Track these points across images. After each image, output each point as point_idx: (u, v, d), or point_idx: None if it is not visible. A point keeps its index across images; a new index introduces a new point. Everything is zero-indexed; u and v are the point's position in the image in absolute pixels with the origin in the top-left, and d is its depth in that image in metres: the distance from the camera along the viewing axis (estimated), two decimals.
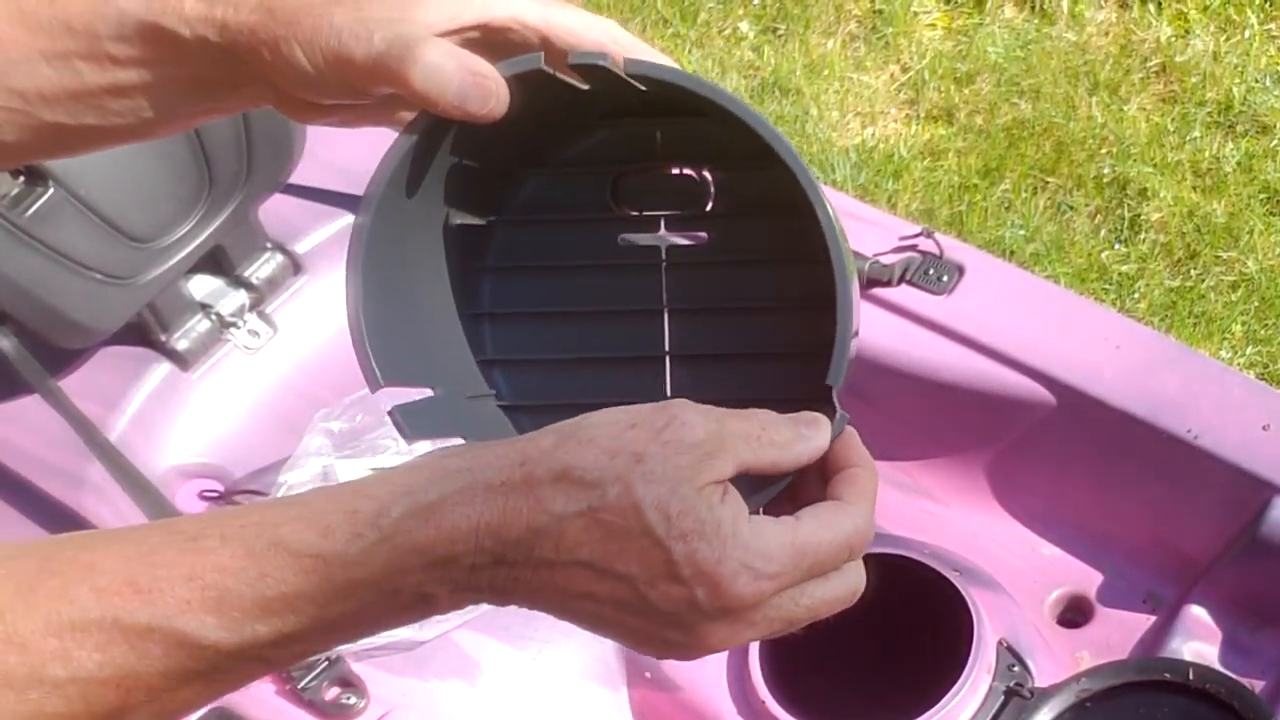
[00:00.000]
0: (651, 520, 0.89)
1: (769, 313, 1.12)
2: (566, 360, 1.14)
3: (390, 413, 1.02)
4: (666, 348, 1.12)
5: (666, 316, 1.12)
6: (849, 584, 0.98)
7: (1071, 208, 3.71)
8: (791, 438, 0.96)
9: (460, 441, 1.02)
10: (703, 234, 1.12)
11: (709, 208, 1.12)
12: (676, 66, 1.01)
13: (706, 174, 1.11)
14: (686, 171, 1.11)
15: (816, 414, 0.98)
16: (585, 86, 1.02)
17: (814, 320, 1.05)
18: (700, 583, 0.90)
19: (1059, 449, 2.30)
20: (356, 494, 0.92)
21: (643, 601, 0.91)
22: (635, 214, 1.12)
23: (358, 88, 1.01)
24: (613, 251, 1.12)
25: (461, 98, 0.98)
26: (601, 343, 1.13)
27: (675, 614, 0.91)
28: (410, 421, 1.03)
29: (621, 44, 1.04)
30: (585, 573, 0.91)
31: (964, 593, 2.17)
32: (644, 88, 1.01)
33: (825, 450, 0.98)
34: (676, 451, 0.90)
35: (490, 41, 1.03)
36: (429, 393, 1.05)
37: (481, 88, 0.99)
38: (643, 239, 1.13)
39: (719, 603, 0.90)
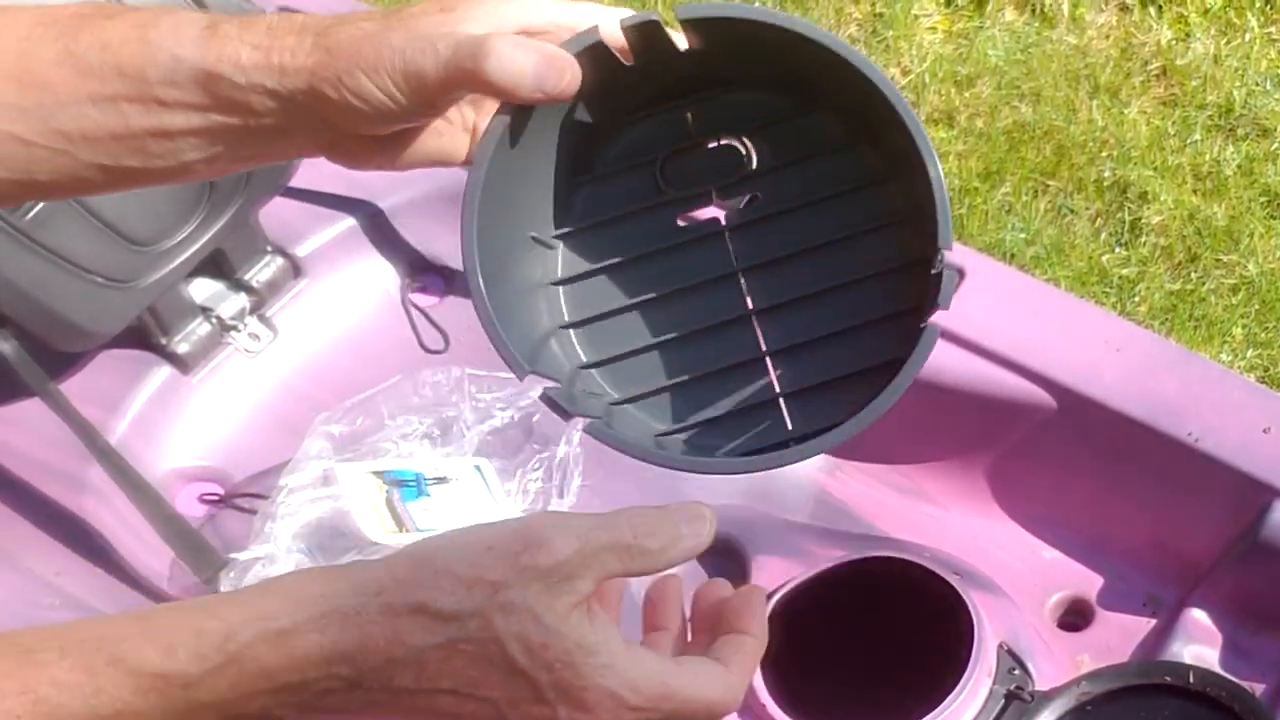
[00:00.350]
0: (514, 653, 0.89)
1: (837, 244, 1.15)
2: (659, 344, 1.16)
3: (543, 397, 1.05)
4: (750, 306, 1.14)
5: (742, 278, 1.15)
6: (730, 694, 0.97)
7: (1072, 211, 3.71)
8: (667, 543, 0.96)
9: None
10: (756, 194, 1.15)
11: (754, 168, 1.15)
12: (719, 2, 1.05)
13: (745, 140, 1.15)
14: (725, 142, 1.15)
15: (700, 507, 0.98)
16: (632, 63, 1.07)
17: (882, 238, 1.12)
18: (566, 703, 0.90)
19: (1059, 452, 2.30)
20: (205, 614, 0.91)
21: (504, 718, 0.91)
22: (686, 193, 1.15)
23: (432, 101, 1.02)
24: (674, 233, 1.16)
25: (539, 80, 1.00)
26: (688, 318, 1.16)
27: None
28: (566, 402, 1.05)
29: None
30: (448, 698, 0.91)
31: (964, 596, 2.16)
32: (696, 35, 1.06)
33: (705, 546, 0.98)
34: (535, 577, 0.90)
35: None
36: (557, 384, 1.07)
37: (556, 66, 1.01)
38: (700, 214, 1.16)
39: (581, 718, 0.91)
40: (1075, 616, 2.30)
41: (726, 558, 2.39)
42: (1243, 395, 2.19)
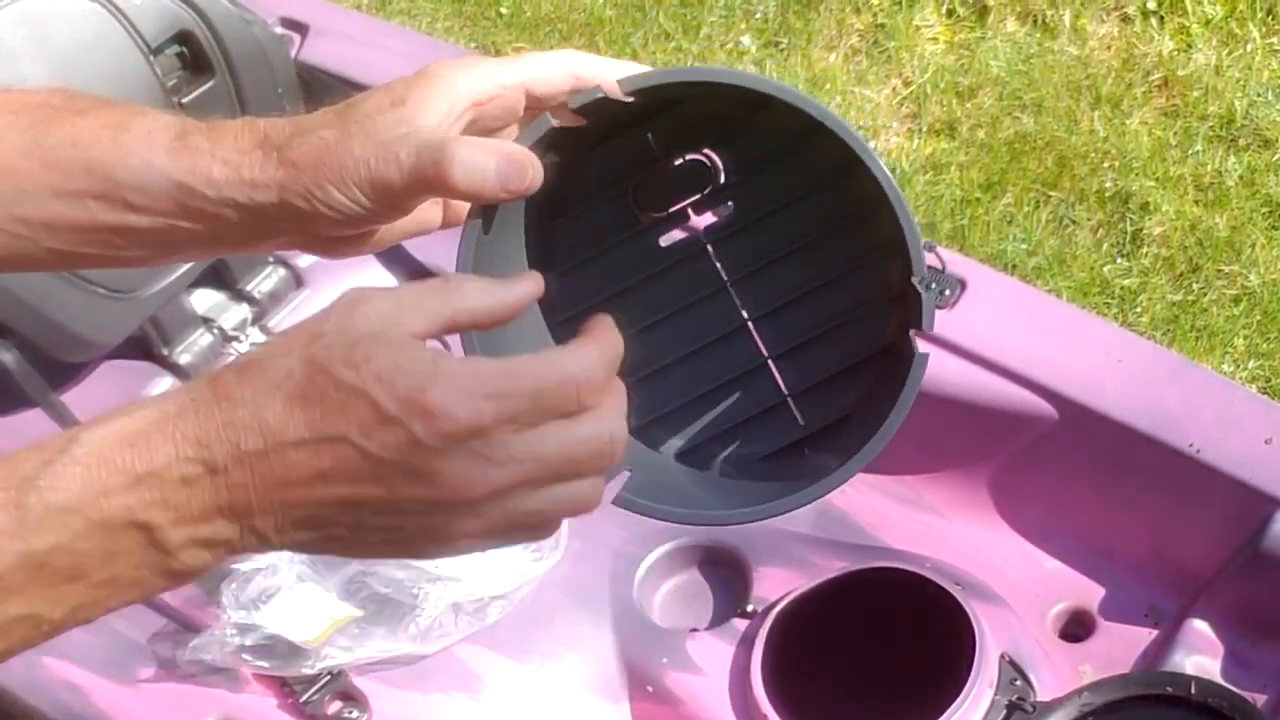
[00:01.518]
0: (341, 375, 0.88)
1: (819, 242, 1.16)
2: (663, 367, 1.17)
3: None
4: (745, 316, 1.16)
5: (732, 290, 1.16)
6: (604, 425, 0.93)
7: (1074, 221, 3.71)
8: (484, 285, 0.96)
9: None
10: (729, 204, 1.17)
11: (724, 180, 1.16)
12: (658, 69, 1.07)
13: (708, 153, 1.16)
14: (691, 158, 1.16)
15: (522, 277, 0.98)
16: (584, 122, 1.08)
17: (862, 228, 1.14)
18: (413, 415, 0.87)
19: (1061, 463, 2.30)
20: (38, 443, 0.92)
21: (367, 459, 0.88)
22: (662, 215, 1.16)
23: (399, 205, 1.05)
24: (659, 257, 1.17)
25: (503, 180, 1.02)
26: (688, 336, 1.17)
27: (404, 462, 0.88)
28: None
29: (587, 69, 1.08)
30: (301, 451, 0.89)
31: (966, 606, 2.17)
32: (642, 99, 1.07)
33: (536, 293, 0.98)
34: (350, 318, 0.90)
35: (484, 116, 1.08)
36: None
37: (518, 166, 1.03)
38: (679, 235, 1.17)
39: (438, 429, 0.87)
40: (1077, 627, 2.31)
41: (728, 568, 2.40)
42: (1244, 406, 2.19)
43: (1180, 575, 2.25)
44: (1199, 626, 2.19)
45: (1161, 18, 4.12)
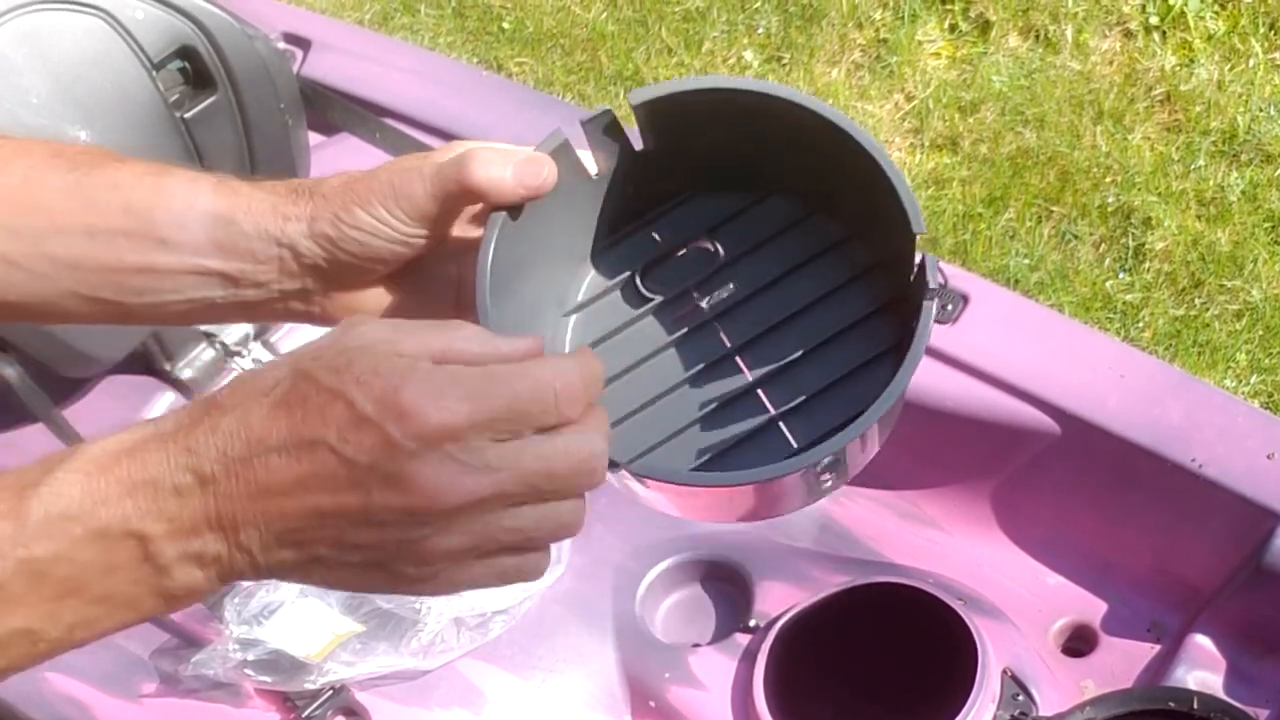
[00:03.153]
0: (323, 379, 0.89)
1: (820, 302, 1.19)
2: (677, 432, 1.18)
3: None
4: (750, 379, 1.18)
5: (739, 357, 1.19)
6: (584, 440, 0.94)
7: (1076, 236, 3.71)
8: (478, 330, 0.95)
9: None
10: (732, 283, 1.21)
11: (724, 259, 1.21)
12: (661, 83, 1.13)
13: (711, 240, 1.22)
14: (694, 246, 1.22)
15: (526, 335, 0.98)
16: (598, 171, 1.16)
17: (862, 287, 1.18)
18: (387, 415, 0.88)
19: (1063, 478, 2.30)
20: (42, 460, 0.94)
21: (344, 463, 0.89)
22: (668, 295, 1.21)
23: (426, 217, 1.09)
24: (664, 332, 1.20)
25: (520, 176, 1.08)
26: (696, 403, 1.18)
27: (379, 466, 0.88)
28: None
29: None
30: (282, 457, 0.89)
31: (968, 622, 2.17)
32: (651, 126, 1.15)
33: (531, 355, 0.96)
34: (348, 339, 0.91)
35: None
36: None
37: (533, 163, 1.09)
38: (684, 311, 1.21)
39: (412, 429, 0.88)
40: (1079, 642, 2.31)
41: (730, 583, 2.40)
42: (1247, 421, 2.19)
43: (1183, 590, 2.25)
44: (1201, 642, 2.19)
45: (1164, 33, 4.12)
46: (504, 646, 2.35)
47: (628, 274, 1.21)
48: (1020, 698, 2.13)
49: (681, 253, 1.22)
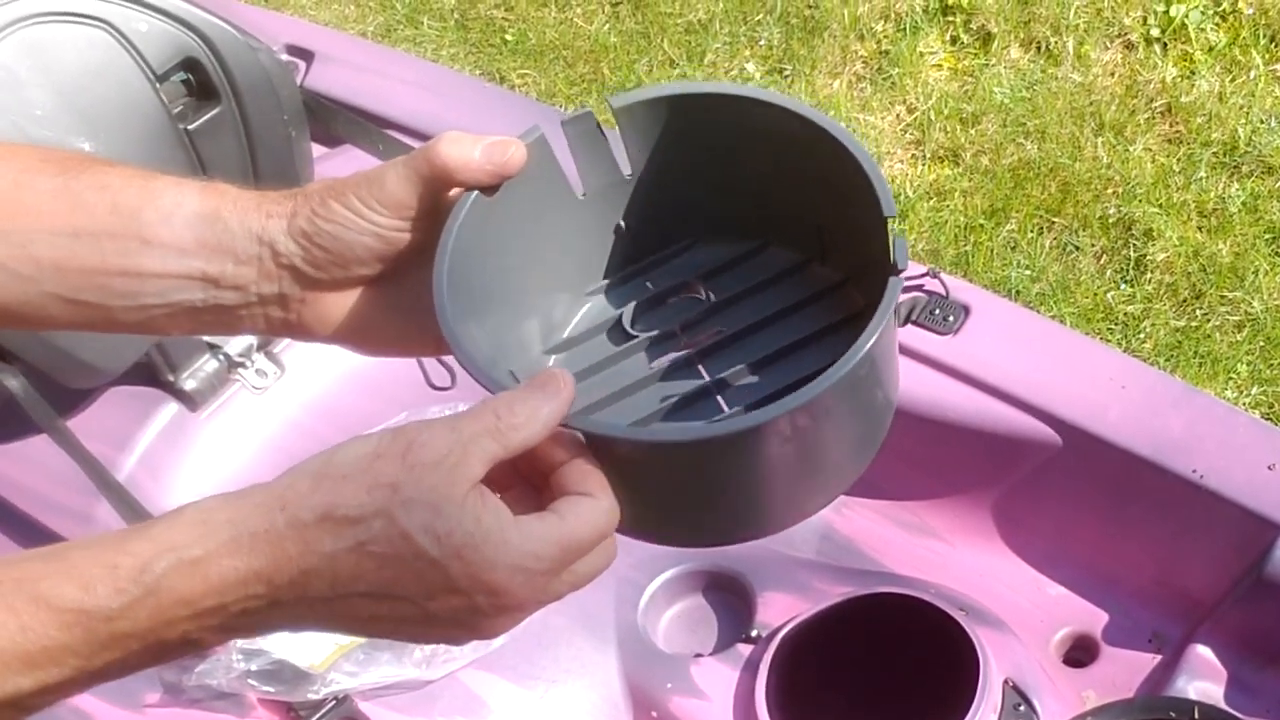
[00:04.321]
0: (423, 544, 0.92)
1: (806, 341, 1.19)
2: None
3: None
4: (725, 409, 1.16)
5: (718, 395, 1.17)
6: (607, 557, 1.02)
7: (1077, 248, 3.71)
8: (531, 411, 0.98)
9: None
10: (720, 329, 1.20)
11: (712, 301, 1.22)
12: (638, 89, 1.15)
13: (702, 287, 1.23)
14: (685, 295, 1.23)
15: (551, 373, 1.00)
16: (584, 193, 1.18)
17: (852, 329, 1.15)
18: (479, 590, 0.94)
19: (1065, 489, 2.30)
20: (118, 549, 0.94)
21: (425, 614, 0.95)
22: (654, 334, 1.21)
23: (400, 204, 1.09)
24: (646, 367, 1.20)
25: (487, 154, 1.08)
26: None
27: (457, 619, 0.95)
28: None
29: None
30: (364, 601, 0.94)
31: (970, 632, 2.17)
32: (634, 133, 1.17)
33: (571, 397, 1.00)
34: (426, 472, 0.93)
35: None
36: None
37: (500, 143, 1.09)
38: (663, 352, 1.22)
39: (499, 603, 0.95)
40: (1080, 652, 2.31)
41: (733, 593, 2.40)
42: (1248, 432, 2.19)
43: (1184, 601, 2.26)
44: (1202, 652, 2.19)
45: (1165, 45, 4.12)
46: (507, 656, 2.35)
47: (617, 314, 1.22)
48: (1022, 708, 2.13)
49: (672, 299, 1.23)
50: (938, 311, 2.34)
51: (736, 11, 4.43)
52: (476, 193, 1.09)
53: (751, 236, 1.23)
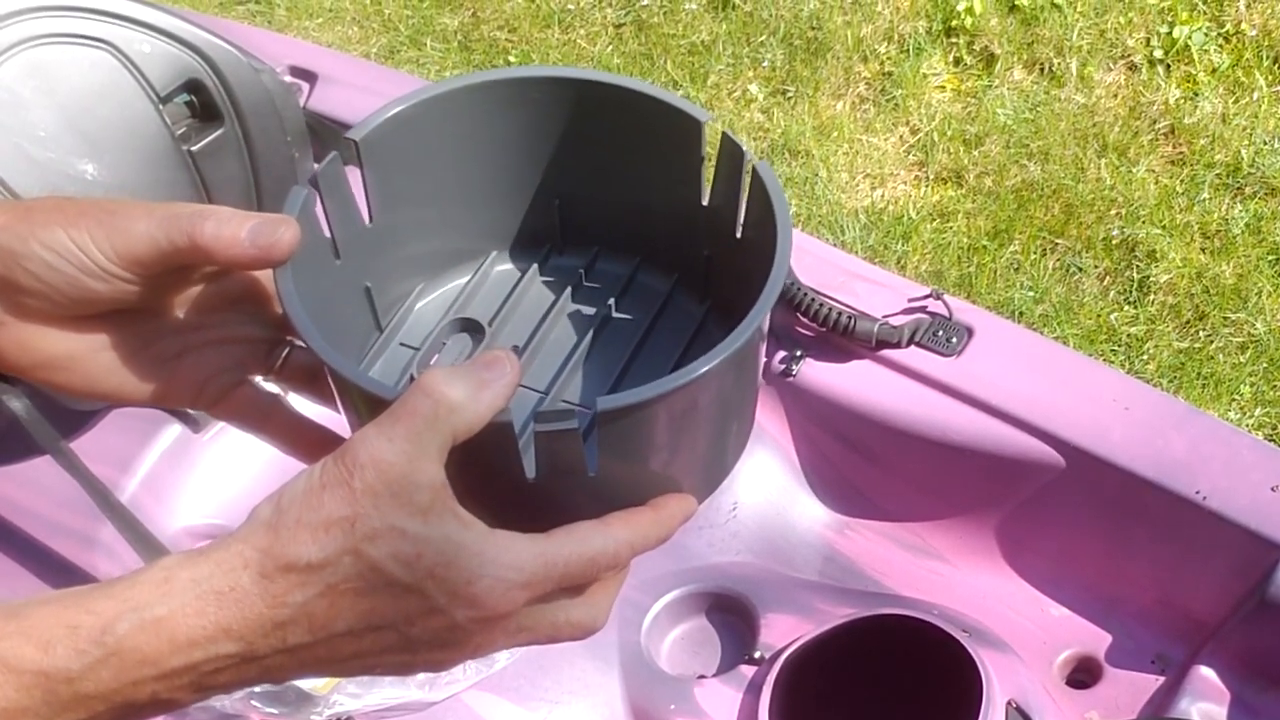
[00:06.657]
0: (395, 572, 0.90)
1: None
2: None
3: None
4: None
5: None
6: (592, 615, 0.99)
7: (1080, 269, 3.72)
8: (471, 390, 0.93)
9: None
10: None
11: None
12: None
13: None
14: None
15: (494, 353, 0.96)
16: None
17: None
18: (458, 606, 0.91)
19: (1068, 510, 2.30)
20: (80, 608, 0.91)
21: (407, 640, 0.93)
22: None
23: (137, 262, 1.00)
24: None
25: (253, 236, 0.99)
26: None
27: (440, 640, 0.93)
28: None
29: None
30: (345, 639, 0.92)
31: (973, 654, 2.17)
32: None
33: (516, 381, 0.96)
34: (380, 497, 0.90)
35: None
36: None
37: (268, 224, 1.00)
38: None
39: (479, 615, 0.92)
40: (1084, 674, 2.30)
41: (736, 615, 2.40)
42: (1251, 453, 2.19)
43: (1187, 623, 2.25)
44: (1206, 674, 2.19)
45: (1168, 66, 4.13)
46: (510, 678, 2.35)
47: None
48: None
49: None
50: (941, 333, 2.35)
51: (740, 33, 4.44)
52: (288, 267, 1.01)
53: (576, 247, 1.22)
